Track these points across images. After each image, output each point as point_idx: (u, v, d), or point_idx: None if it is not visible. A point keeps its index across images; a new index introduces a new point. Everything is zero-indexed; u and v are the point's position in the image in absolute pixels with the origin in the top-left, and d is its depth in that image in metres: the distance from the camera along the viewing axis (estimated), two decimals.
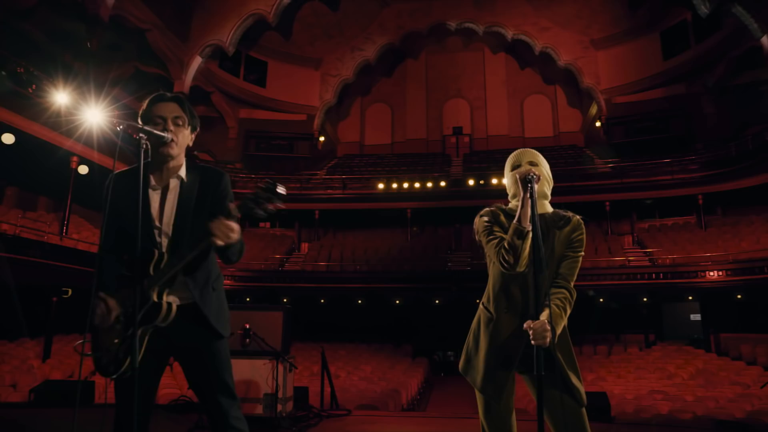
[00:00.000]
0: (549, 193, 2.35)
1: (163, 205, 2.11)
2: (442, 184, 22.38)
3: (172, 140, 2.08)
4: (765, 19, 18.31)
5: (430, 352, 19.34)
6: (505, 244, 2.13)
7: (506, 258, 2.12)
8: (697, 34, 21.64)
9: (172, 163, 2.13)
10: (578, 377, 2.14)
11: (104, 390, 11.53)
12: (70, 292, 15.29)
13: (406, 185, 22.24)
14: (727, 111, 21.81)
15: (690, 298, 17.85)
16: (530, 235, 2.10)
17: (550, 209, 2.32)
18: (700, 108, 22.49)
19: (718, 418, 8.29)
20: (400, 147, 28.72)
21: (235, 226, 1.95)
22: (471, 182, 22.18)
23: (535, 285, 2.05)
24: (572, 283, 2.20)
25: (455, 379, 18.18)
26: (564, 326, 2.15)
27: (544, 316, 2.01)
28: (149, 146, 2.07)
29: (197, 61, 21.96)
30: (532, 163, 2.29)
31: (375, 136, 29.14)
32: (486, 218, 2.38)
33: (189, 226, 2.09)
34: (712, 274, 16.27)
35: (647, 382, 13.07)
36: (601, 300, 18.27)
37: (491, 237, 2.27)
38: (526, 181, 2.10)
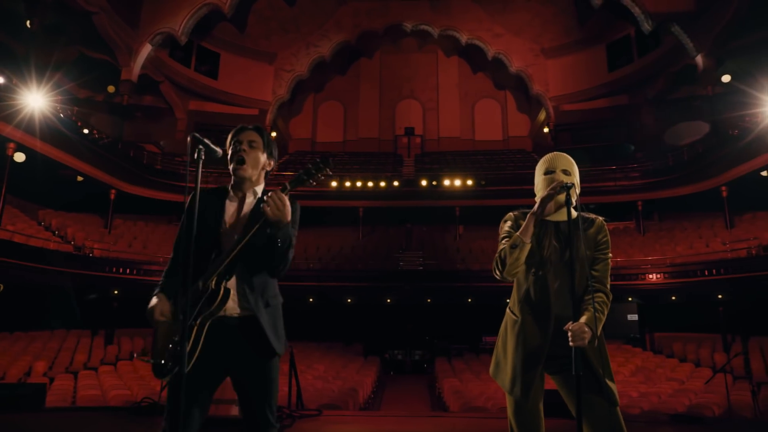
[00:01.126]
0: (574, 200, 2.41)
1: (235, 215, 2.24)
2: (396, 183, 22.56)
3: (245, 160, 2.24)
4: (699, 40, 19.53)
5: (381, 351, 19.44)
6: (500, 253, 2.21)
7: (497, 266, 2.22)
8: (640, 49, 22.79)
9: (248, 183, 2.28)
10: (611, 378, 2.21)
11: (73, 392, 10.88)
12: (1, 287, 14.49)
13: (359, 184, 22.27)
14: (664, 122, 23.04)
15: (630, 299, 18.73)
16: (527, 247, 2.20)
17: (573, 213, 2.39)
18: (641, 118, 23.68)
19: (662, 412, 8.79)
20: (353, 145, 28.72)
21: (287, 201, 2.05)
22: (423, 183, 22.45)
23: (571, 287, 2.14)
24: (608, 286, 2.29)
25: (405, 378, 18.41)
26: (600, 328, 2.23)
27: (584, 318, 2.10)
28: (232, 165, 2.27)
29: (147, 49, 21.19)
30: (566, 172, 2.36)
31: (327, 134, 29.02)
32: (508, 224, 2.45)
33: (249, 241, 2.14)
34: (651, 276, 17.17)
35: None
36: None
37: (504, 244, 2.34)
38: (564, 188, 2.16)
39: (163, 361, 2.05)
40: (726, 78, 20.21)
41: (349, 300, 19.18)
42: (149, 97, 23.45)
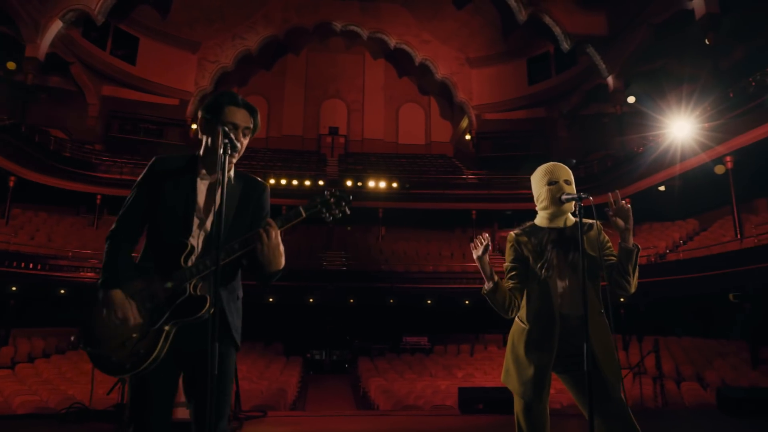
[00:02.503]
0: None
1: (209, 200, 2.05)
2: (320, 183, 22.43)
3: (238, 148, 2.04)
4: (611, 62, 21.03)
5: (302, 350, 19.23)
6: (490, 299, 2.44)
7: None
8: (558, 66, 24.16)
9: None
10: (619, 375, 2.31)
11: None
12: None
13: (283, 181, 21.93)
14: (577, 136, 24.58)
15: None
16: (495, 288, 2.41)
17: (573, 220, 2.52)
18: (556, 131, 25.08)
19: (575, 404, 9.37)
20: (275, 142, 28.23)
21: (280, 250, 1.95)
22: (349, 183, 22.48)
23: (583, 290, 2.25)
24: None
25: (326, 378, 18.35)
26: (607, 326, 2.36)
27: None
28: (210, 144, 2.07)
29: (57, 26, 19.66)
30: (567, 182, 2.47)
31: None
32: (508, 252, 2.55)
33: (228, 226, 2.00)
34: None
35: None
36: (467, 302, 19.52)
37: (507, 276, 2.50)
38: (577, 199, 2.28)
39: (114, 358, 1.86)
40: (631, 99, 21.87)
41: (270, 299, 18.80)
42: (57, 77, 21.77)
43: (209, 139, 2.06)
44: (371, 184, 22.42)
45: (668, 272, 16.06)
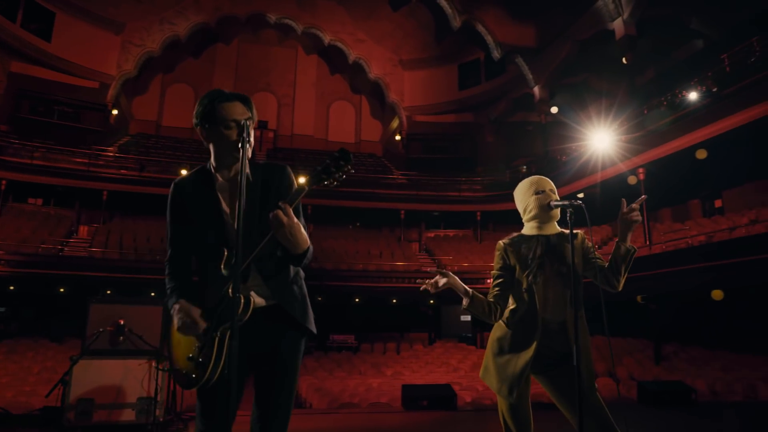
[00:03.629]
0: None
1: (233, 203, 2.04)
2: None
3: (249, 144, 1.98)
4: (538, 73, 22.02)
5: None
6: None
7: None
8: (488, 73, 24.98)
9: (238, 165, 2.04)
10: (592, 374, 2.45)
11: None
12: None
13: None
14: (503, 142, 25.53)
15: None
16: (472, 299, 2.50)
17: (558, 229, 2.63)
18: (484, 136, 25.92)
19: None
20: None
21: (299, 229, 1.92)
22: None
23: (574, 295, 2.38)
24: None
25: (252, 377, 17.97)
26: (586, 328, 2.49)
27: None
28: (219, 149, 2.03)
29: None
30: (552, 191, 2.60)
31: (175, 118, 27.14)
32: (497, 261, 2.63)
33: (257, 224, 2.00)
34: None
35: (438, 375, 14.63)
36: (395, 301, 19.78)
37: (494, 283, 2.59)
38: (568, 206, 2.40)
39: (185, 371, 1.91)
40: (554, 109, 23.00)
41: None
42: None
43: (217, 145, 2.02)
44: (301, 180, 22.11)
45: None
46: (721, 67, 14.03)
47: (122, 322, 4.76)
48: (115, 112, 23.86)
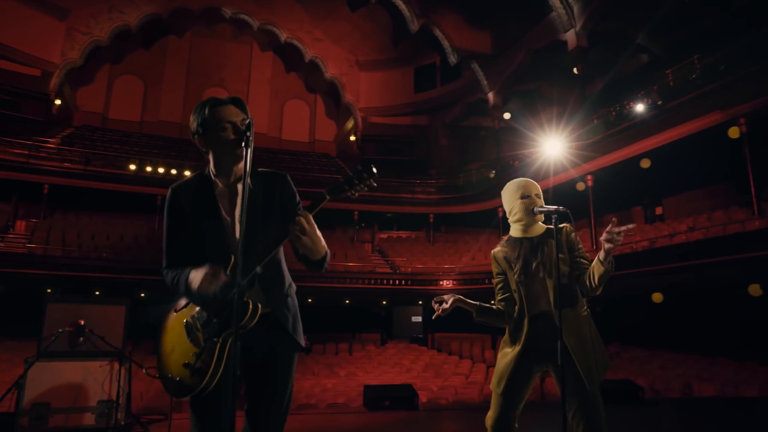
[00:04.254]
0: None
1: (233, 209, 2.04)
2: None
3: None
4: (492, 80, 22.52)
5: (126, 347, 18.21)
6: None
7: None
8: (443, 77, 25.35)
9: (237, 168, 2.07)
10: (592, 367, 2.54)
11: None
12: None
13: (161, 170, 20.67)
14: (457, 146, 25.95)
15: (420, 302, 20.59)
16: (479, 311, 2.62)
17: (543, 228, 2.73)
18: (438, 139, 26.27)
19: (465, 401, 9.97)
20: (151, 128, 26.47)
21: (319, 238, 1.92)
22: None
23: (558, 291, 2.49)
24: None
25: None
26: (585, 321, 2.57)
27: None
28: (218, 154, 2.03)
29: None
30: (538, 195, 2.70)
31: (122, 111, 26.25)
32: (493, 262, 2.73)
33: (259, 230, 1.99)
34: (444, 282, 19.16)
35: (391, 375, 14.73)
36: (348, 301, 19.80)
37: (496, 289, 2.69)
38: (553, 213, 2.51)
39: (178, 379, 1.86)
40: (507, 115, 23.59)
41: (142, 294, 17.61)
42: None
43: (216, 149, 2.02)
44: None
45: None
46: (666, 82, 14.76)
47: (83, 323, 4.59)
48: (58, 102, 22.84)
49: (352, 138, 27.30)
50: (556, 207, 2.59)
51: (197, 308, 1.91)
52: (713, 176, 16.37)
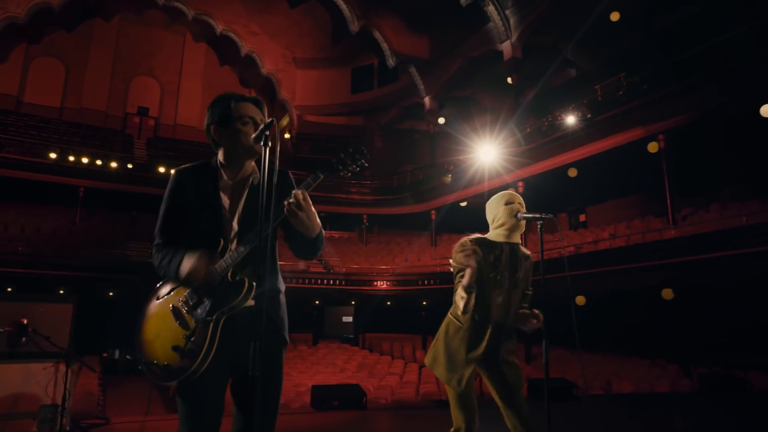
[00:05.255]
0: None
1: (234, 203, 2.06)
2: (129, 166, 20.51)
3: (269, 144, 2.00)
4: (429, 84, 22.96)
5: (98, 350, 17.29)
6: (458, 297, 2.62)
7: (460, 306, 2.63)
8: (381, 80, 25.55)
9: (248, 164, 2.09)
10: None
11: None
12: None
13: (85, 160, 19.54)
14: (392, 148, 26.23)
15: (353, 303, 20.64)
16: (473, 292, 2.62)
17: (519, 240, 2.88)
18: (373, 141, 26.41)
19: (406, 400, 10.13)
20: (72, 114, 24.93)
21: (314, 214, 1.92)
22: (161, 170, 20.92)
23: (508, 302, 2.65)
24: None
25: (125, 379, 16.74)
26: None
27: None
28: (231, 147, 2.03)
29: None
30: (521, 204, 2.85)
31: (40, 95, 24.54)
32: (466, 251, 2.79)
33: (255, 220, 1.96)
34: (378, 283, 19.31)
35: (325, 375, 14.69)
36: None
37: (457, 273, 2.71)
38: (538, 218, 2.67)
39: (166, 363, 1.84)
40: (441, 120, 24.12)
41: (61, 291, 16.58)
42: None
43: (231, 143, 2.02)
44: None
45: None
46: (595, 97, 15.65)
47: (25, 322, 4.30)
48: None
49: (287, 136, 26.96)
50: (541, 214, 2.73)
51: (185, 292, 1.91)
52: (632, 187, 17.51)
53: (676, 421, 6.40)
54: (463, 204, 21.29)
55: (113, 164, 19.95)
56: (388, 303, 20.39)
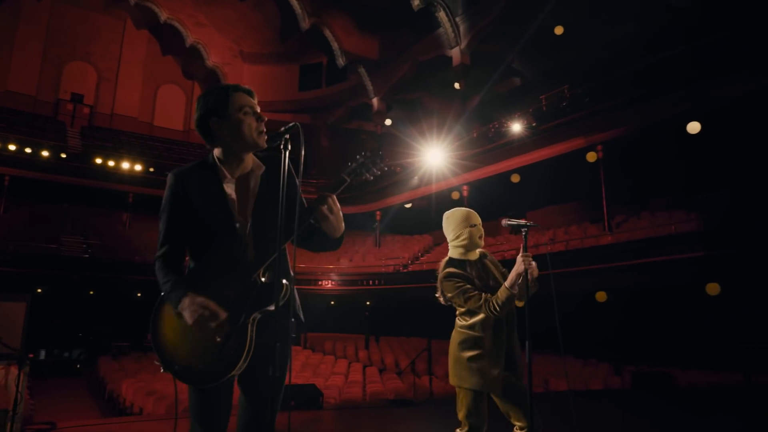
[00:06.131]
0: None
1: (243, 199, 2.01)
2: (62, 155, 19.49)
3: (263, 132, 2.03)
4: (378, 85, 23.11)
5: (26, 349, 16.31)
6: (497, 303, 2.74)
7: (499, 311, 2.75)
8: (329, 79, 25.47)
9: (248, 158, 2.05)
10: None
11: None
12: None
13: (12, 147, 18.41)
14: (338, 147, 26.18)
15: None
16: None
17: (477, 254, 3.04)
18: (319, 140, 26.30)
19: (352, 399, 10.18)
20: None
21: (334, 208, 1.95)
22: (98, 161, 20.03)
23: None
24: None
25: (53, 381, 15.90)
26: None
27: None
28: (232, 141, 1.97)
29: None
30: (480, 224, 3.01)
31: None
32: (456, 280, 2.88)
33: (268, 215, 2.02)
34: (323, 282, 19.24)
35: None
36: None
37: (472, 295, 2.81)
38: (523, 226, 2.81)
39: (201, 367, 1.81)
40: (388, 121, 24.33)
41: None
42: None
43: (231, 136, 1.96)
44: (125, 165, 20.36)
45: (413, 280, 18.19)
46: (540, 106, 16.25)
47: None
48: None
49: None
50: (525, 221, 2.88)
51: (207, 294, 1.83)
52: (570, 194, 18.28)
53: (618, 414, 6.81)
54: (408, 206, 21.58)
55: (44, 153, 18.89)
56: (332, 303, 20.36)
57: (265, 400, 1.93)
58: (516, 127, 16.06)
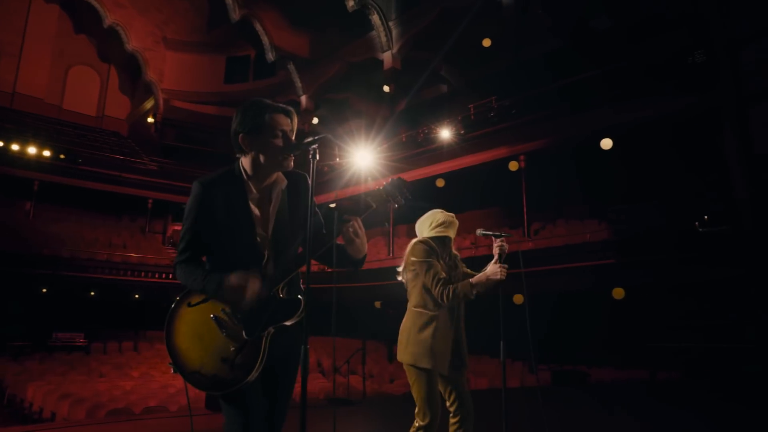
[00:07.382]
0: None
1: (264, 212, 2.07)
2: None
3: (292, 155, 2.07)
4: (307, 83, 23.00)
5: None
6: (451, 292, 2.94)
7: (449, 300, 2.95)
8: (256, 72, 24.99)
9: (274, 175, 2.09)
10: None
11: None
12: None
13: None
14: None
15: None
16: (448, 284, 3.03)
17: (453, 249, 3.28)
18: None
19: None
20: None
21: (360, 232, 2.05)
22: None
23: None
24: None
25: None
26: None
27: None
28: (261, 158, 2.01)
29: None
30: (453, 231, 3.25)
31: None
32: (427, 249, 3.12)
33: (288, 232, 2.09)
34: None
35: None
36: (137, 296, 18.28)
37: (435, 275, 3.01)
38: (498, 236, 3.05)
39: (214, 373, 1.87)
40: (315, 120, 24.24)
41: None
42: None
43: (261, 153, 2.00)
44: (32, 150, 18.94)
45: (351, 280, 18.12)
46: (468, 114, 16.87)
47: None
48: None
49: (150, 120, 25.20)
50: (500, 232, 3.11)
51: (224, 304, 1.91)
52: (491, 200, 19.08)
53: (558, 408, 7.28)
54: (333, 205, 21.58)
55: None
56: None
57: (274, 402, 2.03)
58: (445, 134, 16.57)
